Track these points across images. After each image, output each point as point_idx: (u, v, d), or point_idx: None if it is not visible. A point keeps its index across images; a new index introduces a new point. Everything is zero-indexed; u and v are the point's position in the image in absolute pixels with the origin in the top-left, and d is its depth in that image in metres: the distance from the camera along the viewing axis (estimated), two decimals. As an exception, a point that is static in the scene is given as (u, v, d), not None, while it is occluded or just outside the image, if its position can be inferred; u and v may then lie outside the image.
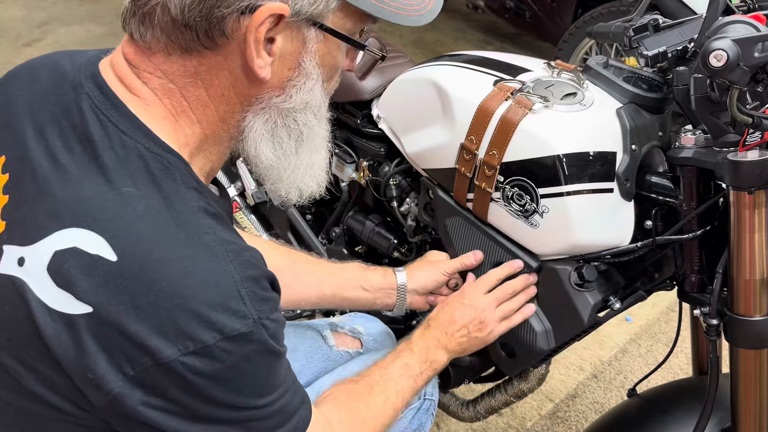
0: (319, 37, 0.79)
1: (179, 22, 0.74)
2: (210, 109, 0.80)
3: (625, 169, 1.14)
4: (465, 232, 1.31)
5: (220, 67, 0.77)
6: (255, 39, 0.75)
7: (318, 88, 0.83)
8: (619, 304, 1.22)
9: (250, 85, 0.79)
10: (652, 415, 1.31)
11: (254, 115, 0.82)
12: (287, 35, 0.77)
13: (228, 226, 0.81)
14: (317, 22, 0.78)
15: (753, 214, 1.03)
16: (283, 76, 0.80)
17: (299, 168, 0.87)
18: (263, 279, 0.79)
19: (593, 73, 1.22)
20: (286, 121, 0.83)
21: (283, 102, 0.81)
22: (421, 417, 1.24)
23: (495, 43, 4.76)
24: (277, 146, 0.84)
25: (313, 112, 0.84)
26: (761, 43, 0.89)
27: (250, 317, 0.74)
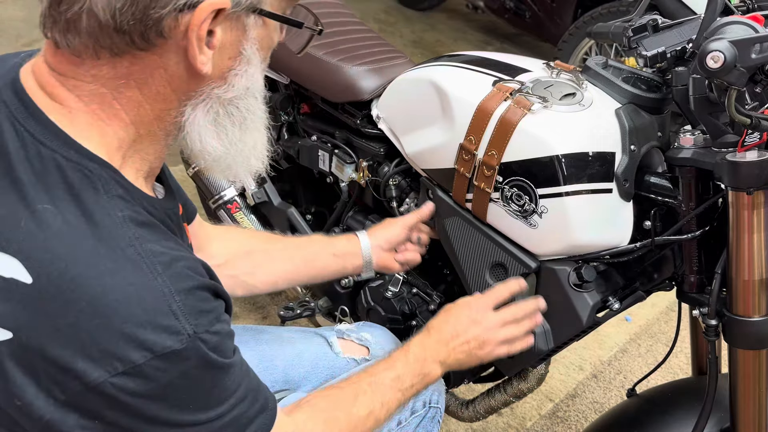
0: (258, 22, 0.78)
1: (110, 27, 0.70)
2: (144, 109, 0.76)
3: (624, 170, 1.14)
4: (464, 232, 1.31)
5: (154, 66, 0.74)
6: (197, 36, 0.72)
7: (258, 71, 0.81)
8: (618, 304, 1.22)
9: (189, 81, 0.76)
10: (651, 415, 1.31)
11: (193, 109, 0.78)
12: (227, 26, 0.75)
13: (162, 233, 0.77)
14: (256, 8, 0.76)
15: (752, 214, 1.03)
16: (224, 66, 0.77)
17: (245, 152, 0.84)
18: (201, 289, 0.75)
19: (592, 74, 1.22)
20: (228, 110, 0.80)
21: (225, 92, 0.78)
22: (427, 425, 1.23)
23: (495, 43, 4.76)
24: (222, 135, 0.81)
25: (254, 95, 0.82)
26: (759, 44, 0.89)
27: (184, 333, 0.71)
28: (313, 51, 1.63)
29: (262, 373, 1.26)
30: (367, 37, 1.76)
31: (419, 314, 1.51)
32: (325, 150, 1.68)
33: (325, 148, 1.68)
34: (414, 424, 1.20)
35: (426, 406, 1.22)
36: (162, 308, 0.70)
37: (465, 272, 1.33)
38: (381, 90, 1.53)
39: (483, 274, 1.29)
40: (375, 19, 4.77)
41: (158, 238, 0.75)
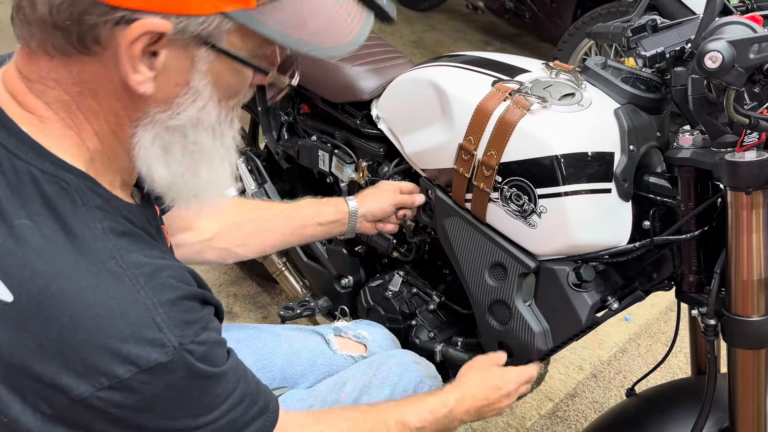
0: (210, 57, 0.72)
1: (48, 21, 0.67)
2: (102, 120, 0.74)
3: (623, 170, 1.14)
4: (463, 232, 1.31)
5: (101, 76, 0.71)
6: (129, 54, 0.68)
7: (212, 105, 0.75)
8: (617, 304, 1.22)
9: (134, 99, 0.72)
10: (651, 414, 1.31)
11: (143, 131, 0.74)
12: (173, 51, 0.70)
13: (144, 242, 0.75)
14: (208, 42, 0.70)
15: (751, 214, 1.04)
16: (170, 92, 0.72)
17: (199, 185, 0.80)
18: (187, 299, 0.74)
19: (591, 74, 1.22)
20: (175, 138, 0.76)
21: (170, 119, 0.74)
22: None
23: (494, 43, 4.77)
24: (171, 163, 0.77)
25: (206, 130, 0.77)
26: (757, 44, 0.89)
27: (169, 345, 0.70)
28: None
29: (260, 371, 1.27)
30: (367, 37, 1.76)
31: (419, 314, 1.51)
32: (325, 150, 1.68)
33: (325, 148, 1.68)
34: None
35: None
36: (146, 321, 0.69)
37: (464, 272, 1.33)
38: (381, 90, 1.54)
39: (482, 274, 1.29)
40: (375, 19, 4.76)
41: (140, 247, 0.73)
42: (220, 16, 0.69)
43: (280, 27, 0.71)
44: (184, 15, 0.68)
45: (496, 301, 1.29)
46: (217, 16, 0.69)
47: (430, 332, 1.46)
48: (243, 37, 0.72)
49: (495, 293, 1.28)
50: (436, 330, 1.47)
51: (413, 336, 1.47)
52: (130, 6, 0.66)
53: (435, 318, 1.51)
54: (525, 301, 1.26)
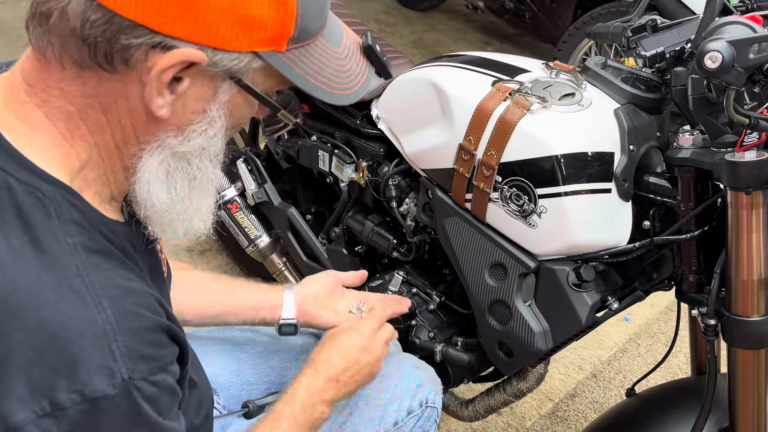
0: (232, 90, 0.74)
1: (77, 35, 0.67)
2: (107, 134, 0.73)
3: (623, 170, 1.14)
4: (463, 232, 1.31)
5: (118, 93, 0.71)
6: (159, 79, 0.68)
7: (220, 135, 0.77)
8: (617, 304, 1.22)
9: (148, 121, 0.73)
10: (651, 414, 1.31)
11: (149, 155, 0.75)
12: (197, 80, 0.71)
13: (119, 262, 0.72)
14: (234, 77, 0.73)
15: (751, 214, 1.04)
16: (185, 118, 0.74)
17: (189, 211, 0.79)
18: (150, 330, 0.70)
19: (591, 74, 1.22)
20: (180, 164, 0.76)
21: (179, 144, 0.75)
22: (424, 425, 1.21)
23: (494, 43, 4.77)
24: (171, 189, 0.77)
25: (209, 158, 0.78)
26: (757, 44, 0.90)
27: (119, 376, 0.66)
28: None
29: (258, 375, 1.27)
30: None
31: (419, 314, 1.51)
32: (325, 150, 1.68)
33: (325, 148, 1.68)
34: (411, 425, 1.19)
35: (423, 406, 1.21)
36: (101, 347, 0.65)
37: (464, 272, 1.33)
38: (381, 90, 1.54)
39: (482, 274, 1.29)
40: (375, 20, 4.77)
41: (112, 266, 0.71)
42: (252, 55, 0.72)
43: (301, 71, 0.75)
44: (221, 49, 0.70)
45: (496, 301, 1.29)
46: (249, 55, 0.71)
47: (430, 332, 1.46)
48: (265, 76, 0.75)
49: (495, 293, 1.28)
50: (436, 330, 1.47)
51: (413, 336, 1.47)
52: (172, 34, 0.67)
53: (435, 318, 1.51)
54: (525, 301, 1.26)
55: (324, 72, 0.78)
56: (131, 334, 0.68)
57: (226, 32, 0.69)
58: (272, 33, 0.71)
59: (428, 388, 1.23)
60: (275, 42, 0.72)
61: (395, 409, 1.17)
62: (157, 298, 0.74)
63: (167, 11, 0.66)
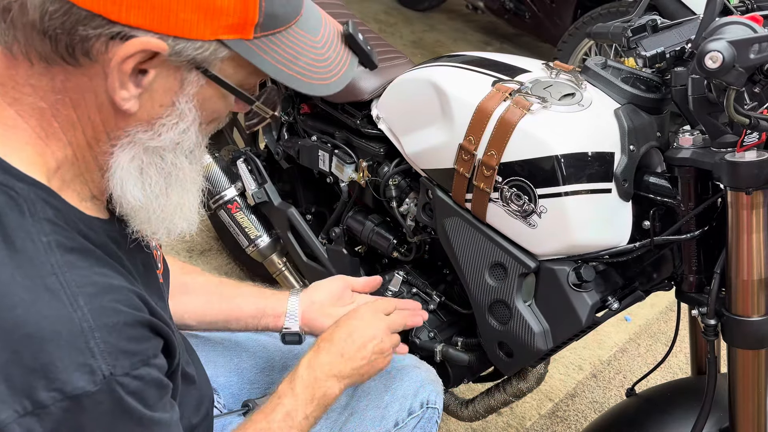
0: (200, 81, 0.72)
1: (36, 27, 0.65)
2: (78, 132, 0.72)
3: (623, 170, 1.14)
4: (463, 232, 1.31)
5: (85, 88, 0.69)
6: (120, 70, 0.67)
7: (193, 129, 0.75)
8: (617, 304, 1.22)
9: (117, 115, 0.71)
10: (650, 414, 1.31)
11: (121, 150, 0.73)
12: (162, 72, 0.69)
13: (97, 259, 0.71)
14: (201, 66, 0.70)
15: (751, 214, 1.04)
16: (154, 112, 0.72)
17: (168, 209, 0.78)
18: (130, 326, 0.69)
19: (591, 74, 1.22)
20: (153, 159, 0.75)
21: (150, 139, 0.73)
22: (425, 426, 1.20)
23: (494, 43, 4.77)
24: (146, 185, 0.75)
25: (184, 154, 0.76)
26: (757, 44, 0.90)
27: (99, 373, 0.65)
28: None
29: (259, 374, 1.26)
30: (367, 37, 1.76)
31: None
32: (325, 150, 1.68)
33: (325, 148, 1.68)
34: (411, 425, 1.18)
35: (424, 407, 1.20)
36: (78, 345, 0.65)
37: (464, 272, 1.33)
38: (381, 90, 1.54)
39: (482, 274, 1.29)
40: (375, 20, 4.77)
41: (89, 264, 0.70)
42: (217, 44, 0.69)
43: (273, 60, 0.72)
44: (183, 38, 0.67)
45: (496, 301, 1.29)
46: (214, 43, 0.69)
47: (430, 332, 1.46)
48: (235, 66, 0.73)
49: (495, 293, 1.28)
50: (436, 330, 1.47)
51: (413, 336, 1.47)
52: (129, 22, 0.65)
53: (435, 318, 1.51)
54: (525, 301, 1.26)
55: (299, 61, 0.74)
56: (109, 331, 0.67)
57: (185, 19, 0.67)
58: (235, 19, 0.69)
59: (429, 389, 1.22)
60: (240, 29, 0.69)
61: (396, 409, 1.17)
62: (137, 294, 0.73)
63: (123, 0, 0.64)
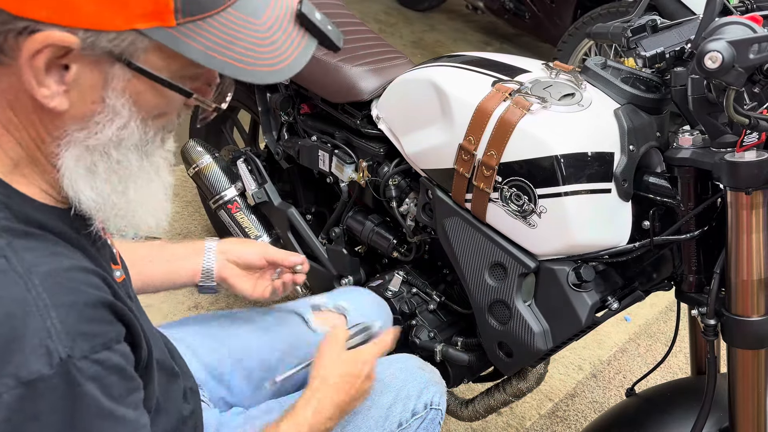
0: (126, 74, 0.67)
1: None
2: (23, 132, 0.69)
3: (622, 170, 1.14)
4: (463, 232, 1.31)
5: (16, 88, 0.66)
6: (31, 66, 0.63)
7: (134, 125, 0.71)
8: (616, 304, 1.22)
9: (50, 114, 0.68)
10: (650, 414, 1.31)
11: (66, 150, 0.70)
12: (84, 66, 0.66)
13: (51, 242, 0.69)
14: (122, 59, 0.66)
15: (750, 214, 1.04)
16: (86, 109, 0.68)
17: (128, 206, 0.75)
18: (90, 306, 0.66)
19: (591, 74, 1.22)
20: (99, 158, 0.71)
21: (87, 138, 0.69)
22: (428, 427, 1.20)
23: (494, 43, 4.77)
24: (97, 185, 0.72)
25: (131, 150, 0.72)
26: (757, 44, 0.90)
27: (56, 355, 0.62)
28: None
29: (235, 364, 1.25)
30: (367, 37, 1.77)
31: (419, 314, 1.51)
32: (325, 150, 1.68)
33: (325, 148, 1.68)
34: (415, 427, 1.18)
35: (427, 408, 1.19)
36: (33, 325, 0.62)
37: (464, 272, 1.33)
38: (381, 90, 1.54)
39: (482, 274, 1.29)
40: (375, 20, 4.77)
41: (44, 246, 0.67)
42: (134, 33, 0.65)
43: (203, 48, 0.67)
44: (93, 30, 0.63)
45: (496, 301, 1.29)
46: (130, 33, 0.65)
47: (430, 332, 1.46)
48: (165, 57, 0.68)
49: (495, 293, 1.28)
50: (436, 330, 1.47)
51: (413, 336, 1.47)
52: (33, 16, 0.62)
53: (435, 318, 1.51)
54: (525, 301, 1.26)
55: (235, 46, 0.69)
56: (67, 310, 0.64)
57: (91, 11, 0.63)
58: (149, 7, 0.64)
59: (433, 390, 1.21)
60: (157, 16, 0.65)
61: (400, 410, 1.17)
62: (99, 275, 0.70)
63: None
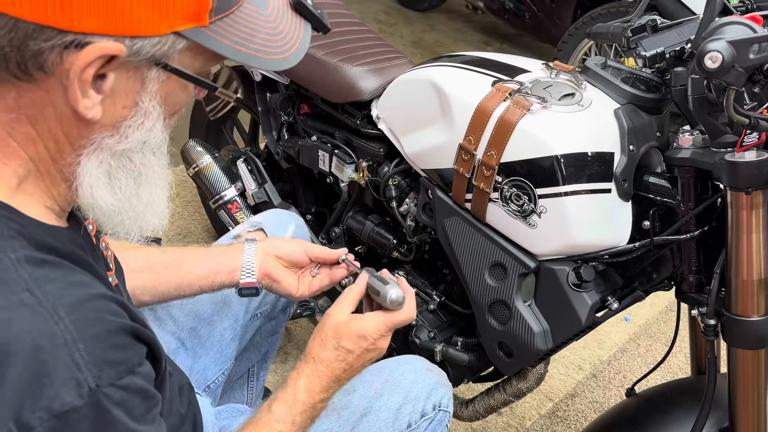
0: (161, 76, 0.69)
1: None
2: (41, 147, 0.69)
3: (622, 170, 1.14)
4: (463, 232, 1.31)
5: (43, 103, 0.67)
6: (80, 79, 0.64)
7: (159, 126, 0.73)
8: (617, 304, 1.22)
9: (79, 125, 0.68)
10: (650, 414, 1.31)
11: (87, 158, 0.71)
12: (122, 73, 0.67)
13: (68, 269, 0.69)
14: (161, 62, 0.68)
15: (750, 214, 1.04)
16: (117, 114, 0.69)
17: (140, 208, 0.76)
18: (113, 334, 0.68)
19: (591, 74, 1.22)
20: (121, 162, 0.73)
21: (117, 143, 0.71)
22: (435, 429, 1.19)
23: (494, 43, 4.77)
24: (116, 189, 0.73)
25: (152, 151, 0.74)
26: (757, 44, 0.90)
27: (86, 385, 0.63)
28: (313, 51, 1.63)
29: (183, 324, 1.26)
30: (367, 37, 1.77)
31: (419, 314, 1.51)
32: (325, 150, 1.68)
33: (325, 148, 1.68)
34: (423, 428, 1.17)
35: (436, 409, 1.18)
36: (62, 358, 0.63)
37: (464, 272, 1.33)
38: (381, 90, 1.54)
39: (482, 274, 1.29)
40: (375, 20, 4.77)
41: (63, 275, 0.68)
42: (174, 36, 0.67)
43: (230, 42, 0.70)
44: (138, 36, 0.65)
45: (496, 301, 1.29)
46: (171, 36, 0.67)
47: (430, 332, 1.46)
48: (194, 55, 0.70)
49: (495, 293, 1.28)
50: (436, 330, 1.47)
51: (413, 336, 1.47)
52: (82, 29, 0.62)
53: (435, 318, 1.51)
54: (525, 301, 1.26)
55: (255, 38, 0.72)
56: (93, 341, 0.65)
57: (140, 17, 0.64)
58: (190, 8, 0.66)
59: (442, 392, 1.20)
60: (196, 17, 0.67)
61: (409, 411, 1.16)
62: (116, 300, 0.71)
63: (71, 7, 0.61)
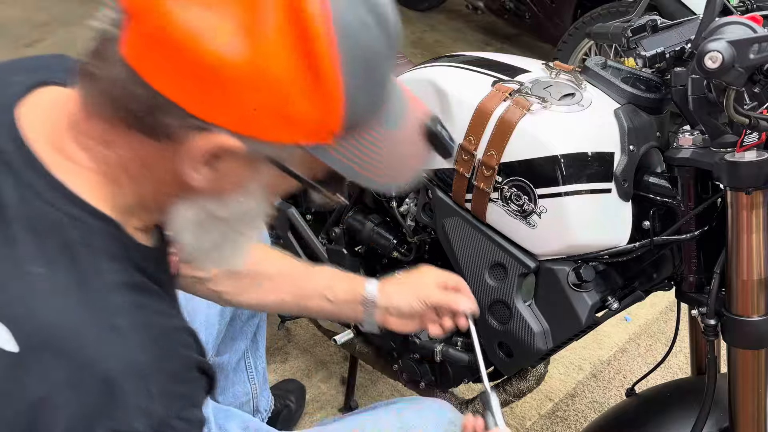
0: (273, 172, 0.70)
1: (121, 103, 0.66)
2: (147, 186, 0.72)
3: (623, 170, 1.14)
4: (463, 232, 1.31)
5: (159, 158, 0.69)
6: (195, 159, 0.67)
7: (261, 206, 0.75)
8: (617, 304, 1.22)
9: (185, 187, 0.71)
10: (650, 414, 1.31)
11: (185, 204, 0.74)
12: (237, 160, 0.69)
13: (155, 296, 0.73)
14: (275, 161, 0.69)
15: (751, 214, 1.04)
16: (223, 188, 0.71)
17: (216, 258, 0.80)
18: (186, 370, 0.71)
19: (591, 74, 1.22)
20: (215, 222, 0.75)
21: (217, 209, 0.73)
22: None
23: (494, 43, 4.76)
24: (201, 239, 0.76)
25: (248, 224, 0.77)
26: (757, 44, 0.90)
27: (156, 416, 0.66)
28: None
29: None
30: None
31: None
32: (324, 150, 1.68)
33: (324, 148, 1.68)
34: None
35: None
36: (141, 388, 0.65)
37: (464, 272, 1.33)
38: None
39: (482, 274, 1.29)
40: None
41: (152, 302, 0.71)
42: (295, 146, 0.67)
43: (345, 159, 0.70)
44: (259, 139, 0.66)
45: (496, 301, 1.29)
46: (291, 146, 0.67)
47: (430, 332, 1.46)
48: (310, 162, 0.70)
49: (495, 293, 1.28)
50: (436, 330, 1.47)
51: (413, 336, 1.47)
52: (209, 119, 0.65)
53: (435, 318, 1.50)
54: (525, 301, 1.26)
55: (370, 158, 0.71)
56: (168, 375, 0.68)
57: (265, 125, 0.66)
58: (316, 128, 0.67)
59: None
60: (320, 136, 0.67)
61: None
62: (190, 332, 0.74)
63: (207, 99, 0.64)
